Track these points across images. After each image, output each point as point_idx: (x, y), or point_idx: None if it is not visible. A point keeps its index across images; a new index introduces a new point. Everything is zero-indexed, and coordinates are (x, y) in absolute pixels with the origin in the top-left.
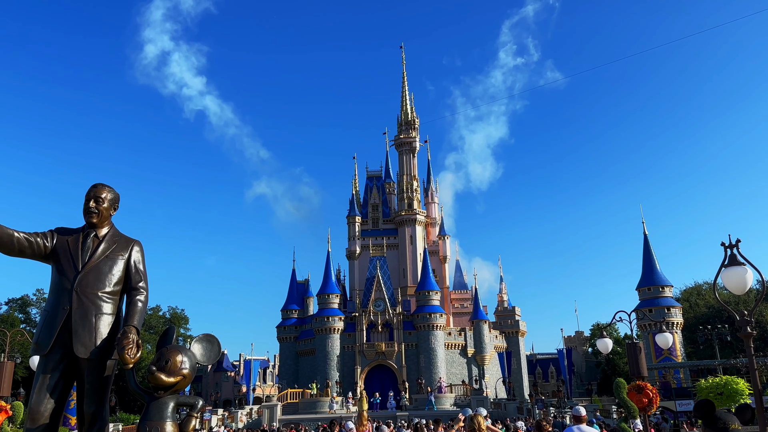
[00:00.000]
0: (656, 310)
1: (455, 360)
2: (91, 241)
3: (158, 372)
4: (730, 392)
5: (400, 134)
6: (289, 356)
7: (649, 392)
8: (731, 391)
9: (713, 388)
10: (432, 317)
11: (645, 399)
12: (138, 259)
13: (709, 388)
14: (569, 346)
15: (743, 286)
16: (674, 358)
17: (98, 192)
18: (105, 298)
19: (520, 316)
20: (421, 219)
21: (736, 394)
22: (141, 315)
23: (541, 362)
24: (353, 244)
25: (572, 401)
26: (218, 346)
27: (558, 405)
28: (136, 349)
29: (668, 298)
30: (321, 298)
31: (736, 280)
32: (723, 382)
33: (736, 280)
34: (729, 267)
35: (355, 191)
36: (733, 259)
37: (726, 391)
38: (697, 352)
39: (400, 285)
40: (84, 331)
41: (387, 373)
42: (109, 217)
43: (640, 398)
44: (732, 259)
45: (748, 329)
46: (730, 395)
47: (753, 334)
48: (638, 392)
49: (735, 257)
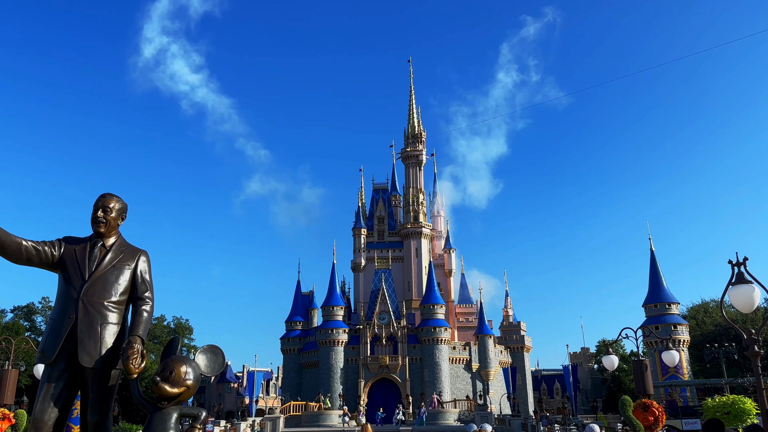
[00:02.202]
0: (663, 327)
1: (459, 375)
2: (99, 250)
3: (162, 382)
4: (737, 412)
5: (406, 147)
6: (293, 368)
7: (655, 410)
8: (738, 411)
9: (720, 407)
10: (437, 331)
11: (651, 417)
12: (144, 269)
13: (715, 407)
14: (575, 362)
15: (750, 304)
16: (681, 376)
17: (106, 202)
18: (111, 308)
19: (526, 332)
20: (426, 232)
21: (743, 413)
22: (146, 325)
23: (546, 378)
24: (358, 257)
25: (577, 418)
26: (222, 357)
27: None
28: (141, 359)
29: (675, 315)
30: (325, 310)
31: (743, 298)
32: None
33: (743, 299)
34: (736, 285)
35: (361, 203)
36: (741, 277)
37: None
38: (704, 370)
39: (405, 298)
40: (89, 340)
41: (391, 386)
42: (116, 226)
43: (646, 416)
44: (739, 277)
45: (755, 348)
46: (737, 415)
47: (761, 353)
48: (644, 410)
49: (742, 275)
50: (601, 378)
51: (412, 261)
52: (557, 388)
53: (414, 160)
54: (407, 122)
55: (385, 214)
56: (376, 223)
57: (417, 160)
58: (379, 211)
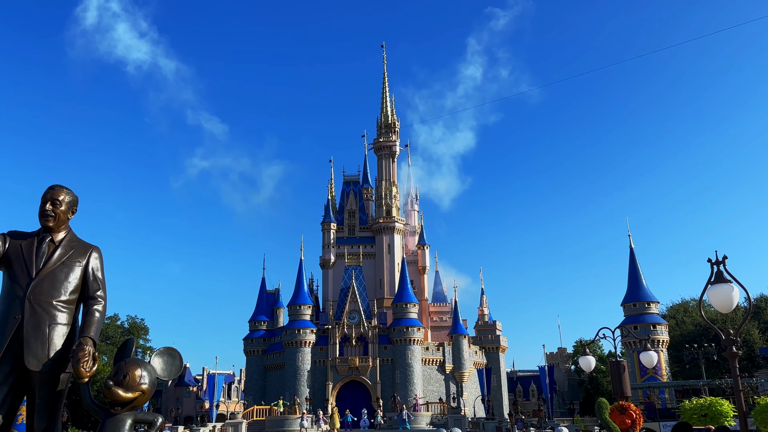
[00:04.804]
0: (641, 327)
1: (432, 376)
2: (47, 246)
3: (115, 387)
4: (714, 414)
5: (379, 137)
6: (257, 371)
7: (633, 413)
8: (715, 413)
9: (697, 409)
10: (409, 331)
11: (628, 420)
12: (96, 267)
13: (693, 410)
14: (551, 363)
15: (729, 304)
16: (659, 377)
17: (55, 194)
18: (60, 308)
19: (501, 331)
20: (399, 227)
21: (721, 416)
22: (98, 326)
23: (521, 380)
24: (327, 253)
25: (553, 421)
26: (180, 360)
27: (539, 425)
28: (92, 362)
29: (654, 314)
30: (292, 309)
31: (722, 297)
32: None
33: (722, 298)
34: (715, 284)
35: (330, 196)
36: (720, 276)
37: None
38: (683, 371)
39: (376, 296)
40: (36, 342)
41: (360, 389)
42: (66, 221)
43: (623, 419)
44: (718, 276)
45: (734, 349)
46: (714, 417)
47: (739, 353)
48: (621, 413)
49: (722, 274)
50: (578, 379)
51: (384, 257)
52: (533, 390)
53: (387, 151)
54: (380, 111)
55: (356, 207)
56: (346, 217)
57: (390, 152)
58: (350, 204)
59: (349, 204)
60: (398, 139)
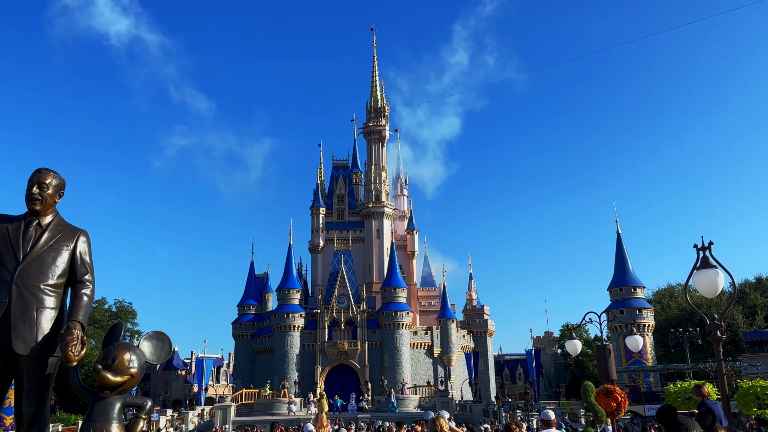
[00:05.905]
0: (627, 311)
1: (420, 360)
2: (34, 229)
3: (104, 371)
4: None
5: (369, 122)
6: (245, 354)
7: (618, 396)
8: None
9: (681, 392)
10: (398, 315)
11: (613, 403)
12: (84, 250)
13: (677, 393)
14: (538, 346)
15: (714, 289)
16: (645, 361)
17: (42, 177)
18: (48, 291)
19: (489, 315)
20: (389, 212)
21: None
22: (86, 310)
23: (509, 363)
24: (317, 237)
25: (540, 404)
26: (169, 344)
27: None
28: (81, 345)
29: (640, 299)
30: (281, 293)
31: (707, 282)
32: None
33: (707, 283)
34: (701, 269)
35: (320, 181)
36: (705, 262)
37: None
38: (668, 355)
39: (365, 281)
40: (24, 326)
41: (349, 373)
42: (53, 204)
43: (609, 402)
44: (704, 262)
45: (718, 333)
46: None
47: (723, 338)
48: (607, 396)
49: (707, 260)
50: (565, 363)
51: (374, 242)
52: (520, 374)
53: (377, 135)
54: (369, 95)
55: (345, 192)
56: (335, 201)
57: (380, 136)
58: (339, 189)
59: (338, 188)
60: (388, 124)
